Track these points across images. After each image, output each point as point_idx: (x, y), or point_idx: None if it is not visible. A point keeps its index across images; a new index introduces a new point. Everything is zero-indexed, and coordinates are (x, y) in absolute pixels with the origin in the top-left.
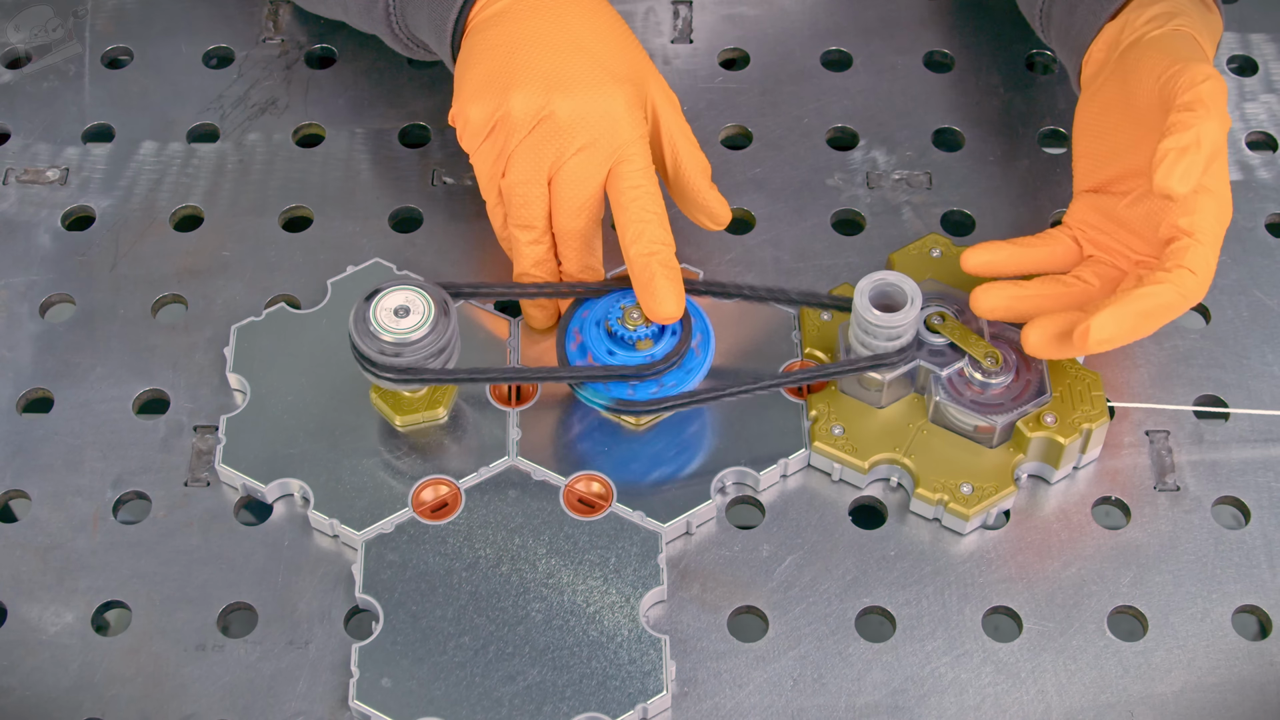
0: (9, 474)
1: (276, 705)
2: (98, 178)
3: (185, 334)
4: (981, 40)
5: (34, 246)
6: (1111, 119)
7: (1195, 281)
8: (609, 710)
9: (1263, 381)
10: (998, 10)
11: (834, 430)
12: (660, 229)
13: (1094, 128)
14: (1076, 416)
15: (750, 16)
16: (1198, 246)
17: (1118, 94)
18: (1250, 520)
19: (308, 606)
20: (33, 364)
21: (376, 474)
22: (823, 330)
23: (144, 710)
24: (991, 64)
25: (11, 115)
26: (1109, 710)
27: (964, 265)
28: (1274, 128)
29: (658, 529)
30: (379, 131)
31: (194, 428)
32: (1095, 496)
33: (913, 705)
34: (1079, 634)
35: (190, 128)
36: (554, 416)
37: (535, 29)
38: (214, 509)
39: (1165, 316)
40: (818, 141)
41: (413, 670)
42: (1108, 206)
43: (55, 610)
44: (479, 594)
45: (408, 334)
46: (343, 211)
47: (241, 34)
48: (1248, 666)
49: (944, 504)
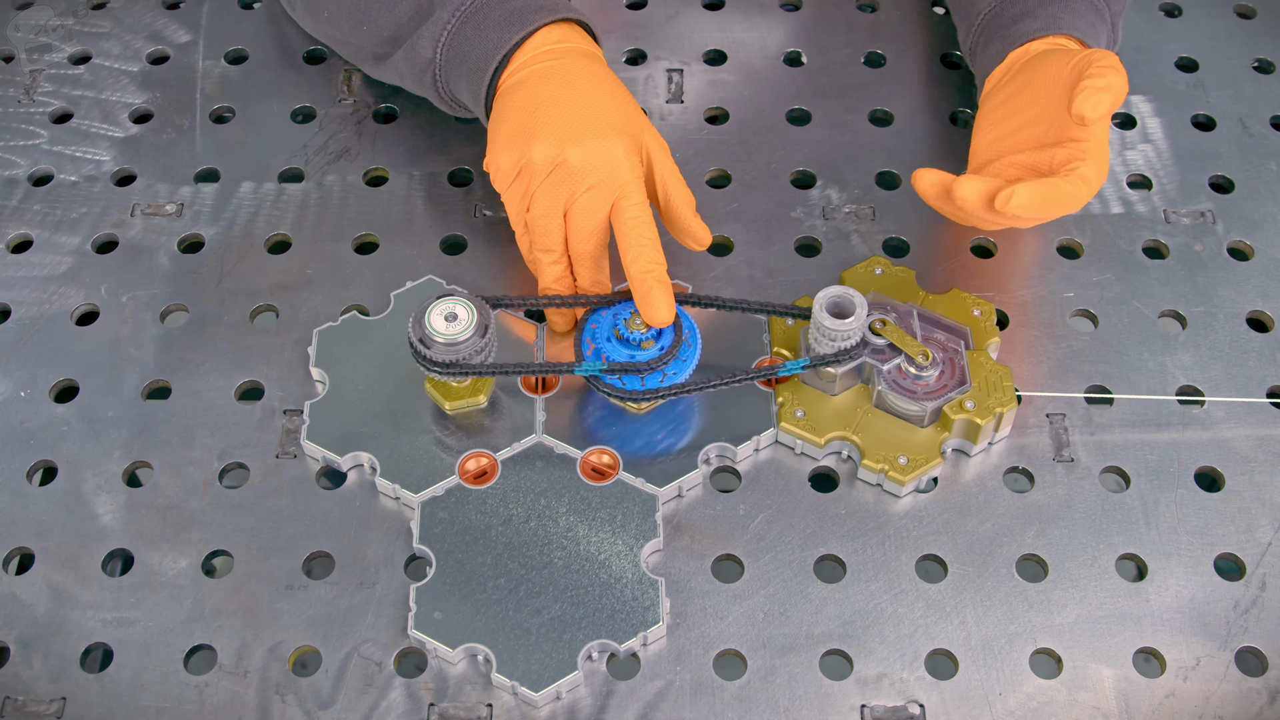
0: (135, 448)
1: (349, 634)
2: (206, 211)
3: (276, 336)
4: (915, 101)
5: (155, 266)
6: (1016, 101)
7: (1088, 187)
8: (616, 638)
9: (1140, 375)
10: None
11: (797, 413)
12: (655, 251)
13: (998, 111)
14: (991, 402)
15: (730, 82)
16: (1093, 161)
17: (1024, 83)
18: (1130, 485)
19: (374, 554)
20: (154, 360)
21: (430, 448)
22: (787, 333)
23: (244, 638)
24: (923, 119)
25: (137, 160)
26: (1017, 637)
27: (916, 183)
28: (1149, 171)
29: (655, 492)
30: (431, 174)
31: (283, 411)
32: (1006, 466)
33: (859, 634)
34: (993, 576)
35: (281, 171)
36: (572, 402)
37: (551, 92)
38: (299, 476)
39: (1065, 207)
40: (784, 181)
41: (459, 606)
42: (1003, 169)
43: (172, 557)
44: (512, 544)
45: (456, 336)
46: (402, 238)
47: (322, 96)
48: (1128, 602)
49: (885, 473)
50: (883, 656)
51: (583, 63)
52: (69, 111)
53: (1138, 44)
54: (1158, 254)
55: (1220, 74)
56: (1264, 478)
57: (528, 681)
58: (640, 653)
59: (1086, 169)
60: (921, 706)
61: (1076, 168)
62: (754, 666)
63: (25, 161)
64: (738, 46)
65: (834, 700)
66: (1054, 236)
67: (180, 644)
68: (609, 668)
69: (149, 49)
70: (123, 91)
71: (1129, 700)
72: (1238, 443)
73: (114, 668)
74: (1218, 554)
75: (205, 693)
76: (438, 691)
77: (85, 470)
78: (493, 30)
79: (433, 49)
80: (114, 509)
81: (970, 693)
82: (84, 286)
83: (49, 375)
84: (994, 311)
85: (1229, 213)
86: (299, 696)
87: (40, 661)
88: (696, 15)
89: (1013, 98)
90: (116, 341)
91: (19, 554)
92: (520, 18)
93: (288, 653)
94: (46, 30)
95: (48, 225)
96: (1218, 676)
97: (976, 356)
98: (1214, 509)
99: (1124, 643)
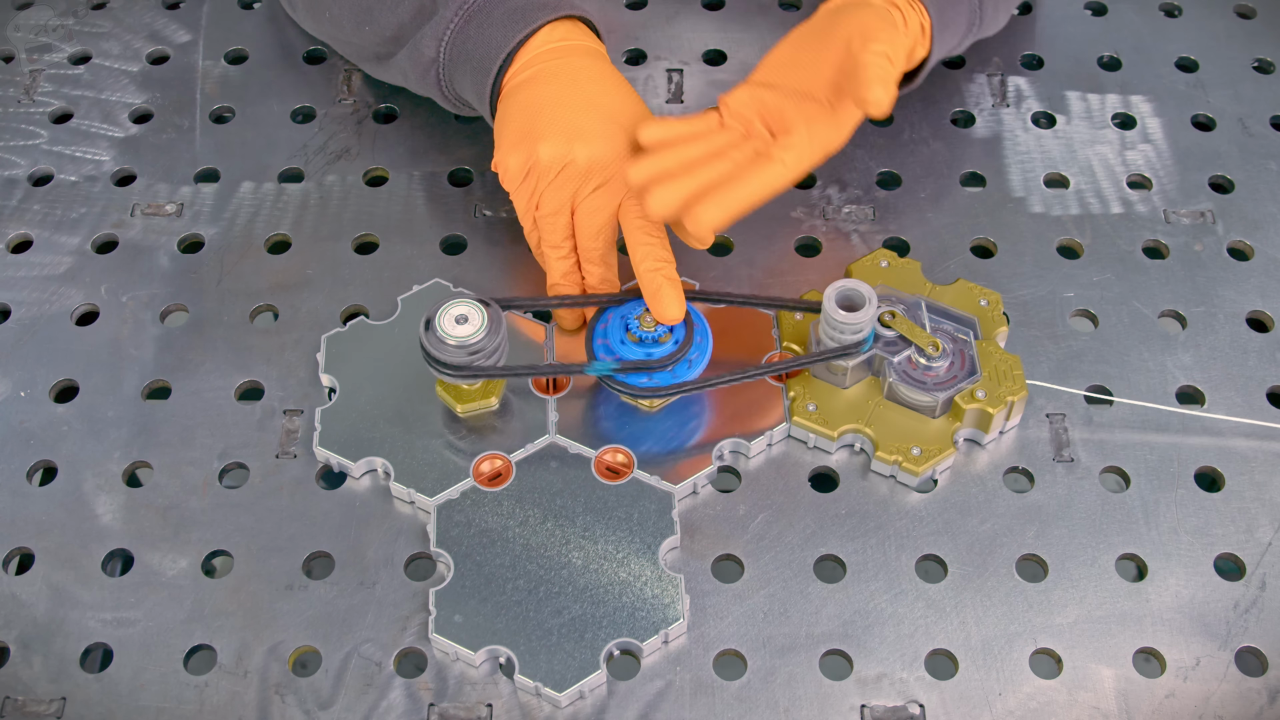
0: (135, 448)
1: (349, 633)
2: (206, 211)
3: (276, 336)
4: (914, 102)
5: (155, 266)
6: (812, 39)
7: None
8: (638, 635)
9: (1140, 375)
10: (927, 78)
11: (809, 407)
12: (663, 249)
13: (795, 43)
14: (1002, 391)
15: (730, 82)
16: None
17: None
18: (1130, 486)
19: (374, 555)
20: (154, 360)
21: (443, 452)
22: (796, 328)
23: (243, 638)
24: (922, 121)
25: (137, 160)
26: (1017, 637)
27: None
28: (1149, 171)
29: (670, 490)
30: (431, 174)
31: (283, 411)
32: (1006, 466)
33: (860, 634)
34: (993, 576)
35: (280, 171)
36: (584, 402)
37: (557, 91)
38: (299, 476)
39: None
40: None
41: (479, 608)
42: (762, 95)
43: (172, 557)
44: (529, 545)
45: (468, 338)
46: (402, 238)
47: (322, 95)
48: (1128, 602)
49: (898, 464)
50: (883, 656)
51: (587, 60)
52: (69, 111)
53: (1137, 44)
54: (1158, 254)
55: (1220, 74)
56: (1264, 478)
57: (551, 682)
58: (640, 653)
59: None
60: (921, 706)
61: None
62: (754, 666)
63: (25, 161)
64: (738, 46)
65: (834, 700)
66: (1054, 237)
67: (180, 644)
68: (609, 668)
69: (149, 49)
70: (123, 91)
71: (1129, 700)
72: (1238, 443)
73: (114, 668)
74: (1218, 554)
75: (205, 693)
76: (438, 691)
77: (85, 470)
78: (496, 28)
79: (436, 48)
80: (114, 509)
81: (970, 693)
82: (84, 286)
83: (49, 375)
84: (1001, 301)
85: (1229, 213)
86: (299, 696)
87: (40, 661)
88: (696, 15)
89: (810, 36)
90: (116, 341)
91: (19, 554)
92: (523, 15)
93: (288, 653)
94: (46, 30)
95: (48, 225)
96: (1218, 676)
97: (985, 346)
98: (1214, 509)
99: (1124, 643)
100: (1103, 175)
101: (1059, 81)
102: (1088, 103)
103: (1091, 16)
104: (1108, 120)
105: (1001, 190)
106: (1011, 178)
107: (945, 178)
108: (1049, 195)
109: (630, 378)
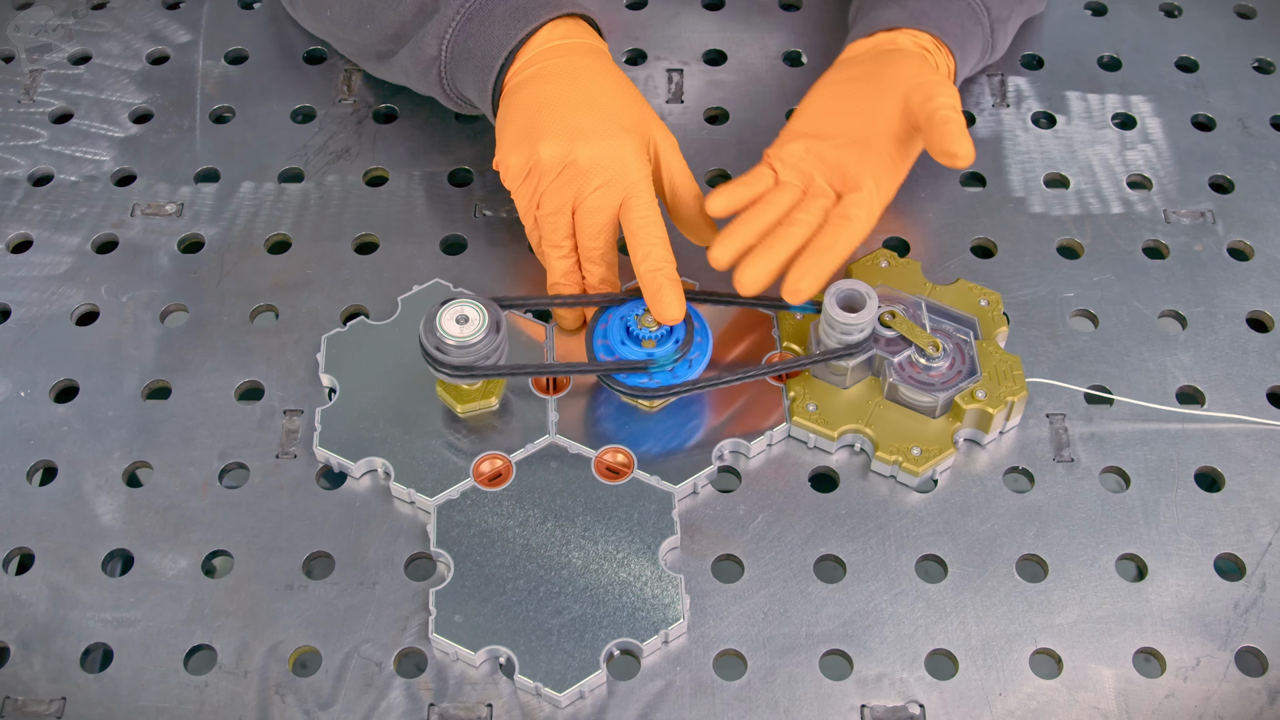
0: (135, 448)
1: (349, 633)
2: (206, 211)
3: (277, 336)
4: None
5: (155, 266)
6: (856, 86)
7: (862, 225)
8: (638, 635)
9: (1140, 375)
10: None
11: (809, 407)
12: (664, 249)
13: (838, 90)
14: (1002, 391)
15: (730, 82)
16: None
17: (869, 71)
18: (1130, 486)
19: (374, 555)
20: (154, 360)
21: (443, 452)
22: (797, 328)
23: (243, 638)
24: None
25: (137, 160)
26: (1017, 637)
27: (710, 211)
28: (1149, 171)
29: (670, 490)
30: (432, 174)
31: (284, 411)
32: (1006, 466)
33: (859, 634)
34: (993, 576)
35: (281, 171)
36: (584, 402)
37: (558, 90)
38: (299, 476)
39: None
40: None
41: (479, 608)
42: (818, 148)
43: (172, 557)
44: (530, 545)
45: (468, 338)
46: (402, 238)
47: (322, 95)
48: (1128, 602)
49: (899, 464)
50: (883, 656)
51: (589, 59)
52: (69, 111)
53: (1137, 44)
54: (1158, 254)
55: (1220, 74)
56: (1264, 478)
57: (551, 682)
58: (640, 653)
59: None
60: (921, 706)
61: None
62: (754, 666)
63: (25, 161)
64: (738, 46)
65: (834, 700)
66: (1054, 236)
67: (180, 644)
68: (609, 668)
69: (149, 49)
70: (123, 91)
71: (1129, 700)
72: (1238, 443)
73: (114, 668)
74: (1218, 554)
75: (205, 693)
76: (438, 691)
77: (85, 470)
78: (498, 27)
79: (438, 46)
80: (114, 509)
81: (970, 693)
82: (84, 286)
83: (49, 375)
84: (1000, 301)
85: (1229, 213)
86: (299, 696)
87: (40, 661)
88: (696, 15)
89: (853, 81)
90: (116, 341)
91: (19, 554)
92: (525, 14)
93: (288, 653)
94: (46, 30)
95: (48, 225)
96: (1218, 676)
97: (985, 346)
98: (1214, 509)
99: (1124, 643)
100: (1103, 175)
101: (1059, 81)
102: (1088, 103)
103: (1091, 16)
104: (1108, 120)
105: (1001, 190)
106: (1011, 178)
107: (945, 177)
108: (1049, 195)
109: (630, 378)
